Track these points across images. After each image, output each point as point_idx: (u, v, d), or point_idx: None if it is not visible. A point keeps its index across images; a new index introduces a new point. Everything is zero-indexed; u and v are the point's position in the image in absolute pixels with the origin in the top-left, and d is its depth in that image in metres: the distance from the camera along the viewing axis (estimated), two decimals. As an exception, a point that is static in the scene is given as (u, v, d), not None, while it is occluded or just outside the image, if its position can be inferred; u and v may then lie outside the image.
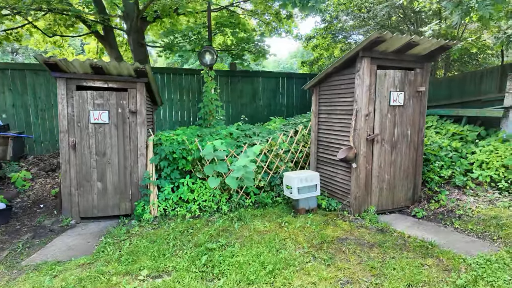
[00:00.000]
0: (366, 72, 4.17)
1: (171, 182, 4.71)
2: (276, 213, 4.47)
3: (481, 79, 6.23)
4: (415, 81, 4.51)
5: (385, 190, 4.53)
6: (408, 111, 4.53)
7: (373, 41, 3.88)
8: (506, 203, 4.08)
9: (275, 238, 3.67)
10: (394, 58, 4.33)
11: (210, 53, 6.75)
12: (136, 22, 8.56)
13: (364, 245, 3.50)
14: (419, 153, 4.69)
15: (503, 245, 3.31)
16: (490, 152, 4.78)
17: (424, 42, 4.13)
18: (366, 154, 4.34)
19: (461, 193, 4.61)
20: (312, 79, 5.13)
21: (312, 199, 4.49)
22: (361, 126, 4.26)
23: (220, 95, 9.29)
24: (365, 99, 4.22)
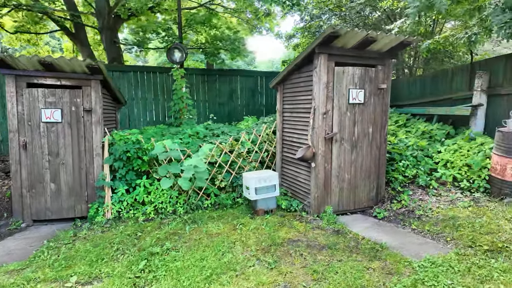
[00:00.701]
0: (323, 69, 4.04)
1: (126, 183, 4.54)
2: (235, 214, 4.33)
3: (452, 77, 6.15)
4: (377, 78, 4.40)
5: (345, 190, 4.41)
6: (369, 109, 4.42)
7: (327, 36, 3.75)
8: (466, 203, 3.98)
9: (224, 241, 3.53)
10: (354, 54, 4.21)
11: (179, 50, 6.59)
12: (108, 20, 8.38)
13: (314, 247, 3.37)
14: (381, 152, 4.58)
15: (454, 247, 3.21)
16: (455, 151, 4.68)
17: (382, 38, 4.01)
18: (324, 153, 4.21)
19: (424, 193, 4.51)
20: (275, 77, 5.00)
21: (271, 200, 4.35)
22: (319, 124, 4.14)
23: (197, 94, 9.14)
24: (323, 97, 4.10)
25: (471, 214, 3.76)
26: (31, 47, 10.71)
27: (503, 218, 3.52)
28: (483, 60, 5.56)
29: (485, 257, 2.91)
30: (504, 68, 5.16)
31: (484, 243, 3.13)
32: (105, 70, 4.64)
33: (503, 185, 3.93)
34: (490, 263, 2.79)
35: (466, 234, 3.36)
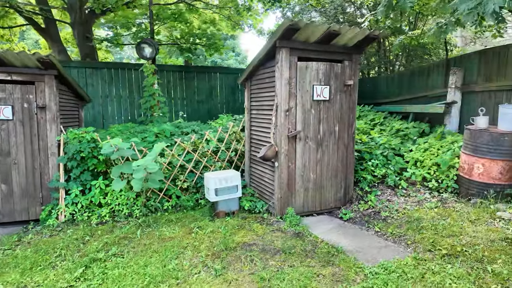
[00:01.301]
0: (285, 64, 3.85)
1: (81, 184, 4.30)
2: (195, 217, 4.12)
3: (428, 74, 6.01)
4: (343, 74, 4.22)
5: (311, 190, 4.24)
6: (335, 106, 4.24)
7: (286, 29, 3.56)
8: (433, 204, 3.83)
9: (176, 246, 3.33)
10: (318, 49, 4.02)
11: (149, 46, 6.35)
12: (80, 14, 8.09)
13: (269, 251, 3.18)
14: (349, 151, 4.41)
15: (414, 251, 3.05)
16: (425, 150, 4.53)
17: (347, 31, 3.83)
18: (288, 152, 4.03)
19: (393, 193, 4.35)
20: (242, 73, 4.80)
21: (233, 201, 4.16)
22: (281, 122, 3.95)
23: (174, 92, 8.91)
24: (285, 94, 3.91)
25: (437, 215, 3.60)
26: (5, 43, 10.35)
27: (467, 220, 3.37)
28: (458, 57, 5.43)
29: (442, 262, 2.75)
30: (478, 64, 5.03)
31: (444, 247, 2.97)
32: (59, 65, 4.38)
33: (470, 185, 3.79)
34: (446, 268, 2.63)
35: (427, 237, 3.20)
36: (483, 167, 3.65)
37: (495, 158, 3.57)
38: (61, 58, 8.41)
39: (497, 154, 3.56)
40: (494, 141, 3.55)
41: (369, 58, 9.32)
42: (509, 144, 3.50)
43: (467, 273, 2.52)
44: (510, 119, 3.56)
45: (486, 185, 3.65)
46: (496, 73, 4.75)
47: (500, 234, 3.01)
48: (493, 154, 3.57)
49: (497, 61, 4.71)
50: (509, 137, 3.50)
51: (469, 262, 2.69)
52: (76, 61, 8.09)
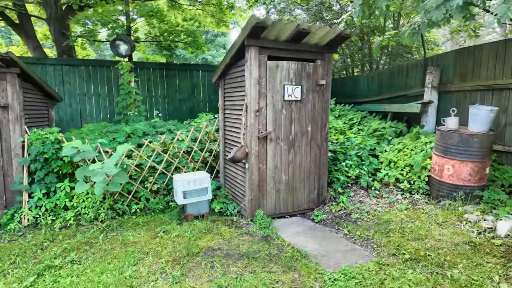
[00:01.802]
0: (254, 63, 3.75)
1: (46, 187, 4.15)
2: (163, 220, 4.01)
3: (407, 73, 5.97)
4: (315, 73, 4.14)
5: (283, 192, 4.16)
6: (308, 106, 4.16)
7: (253, 27, 3.45)
8: (403, 206, 3.79)
9: (137, 251, 3.22)
10: (289, 48, 3.92)
11: (124, 43, 6.18)
12: (56, 10, 7.85)
13: (232, 256, 3.10)
14: (322, 151, 4.34)
15: (378, 255, 2.99)
16: (399, 151, 4.49)
17: (317, 30, 3.74)
18: (258, 153, 3.94)
19: (366, 195, 4.30)
20: (215, 71, 4.69)
21: (203, 204, 4.05)
22: (251, 122, 3.85)
23: (155, 90, 8.73)
24: (255, 93, 3.81)
25: (406, 217, 3.56)
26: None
27: (434, 222, 3.33)
28: (435, 56, 5.39)
29: (404, 267, 2.69)
30: (454, 64, 4.99)
31: (408, 251, 2.92)
32: (22, 62, 4.21)
33: (441, 187, 3.75)
34: (406, 274, 2.57)
35: (394, 240, 3.15)
36: (453, 168, 3.61)
37: (464, 159, 3.53)
38: (36, 54, 8.17)
39: (466, 155, 3.52)
40: (464, 142, 3.51)
41: (353, 56, 9.28)
42: (478, 146, 3.47)
43: (426, 279, 2.47)
44: (480, 120, 3.52)
45: (456, 187, 3.62)
46: (471, 73, 4.72)
47: (465, 238, 2.97)
48: (462, 156, 3.53)
49: (472, 61, 4.68)
50: (479, 138, 3.46)
51: (430, 267, 2.64)
52: (52, 58, 7.86)
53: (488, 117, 3.47)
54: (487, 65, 4.47)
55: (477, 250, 2.76)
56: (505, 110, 4.27)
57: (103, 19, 6.18)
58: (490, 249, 2.75)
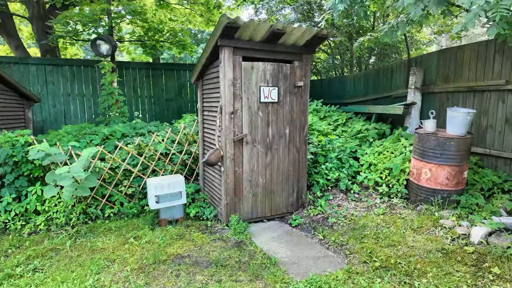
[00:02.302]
0: (228, 64, 3.65)
1: (16, 191, 4.04)
2: (136, 225, 3.91)
3: (392, 74, 5.90)
4: (293, 75, 4.05)
5: (260, 195, 4.07)
6: (285, 108, 4.07)
7: (224, 27, 3.36)
8: (380, 210, 3.71)
9: (104, 258, 3.12)
10: (265, 49, 3.83)
11: (105, 42, 6.06)
12: (39, 9, 7.71)
13: (201, 264, 3.00)
14: (301, 154, 4.25)
15: (350, 262, 2.91)
16: (379, 153, 4.41)
17: (292, 30, 3.65)
18: (234, 156, 3.84)
19: (345, 198, 4.22)
20: (193, 72, 4.58)
21: (177, 209, 3.95)
22: (226, 125, 3.76)
23: (141, 90, 8.62)
24: (229, 95, 3.71)
25: (382, 222, 3.48)
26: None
27: (409, 228, 3.25)
28: (419, 57, 5.32)
29: (373, 276, 2.61)
30: (437, 64, 4.92)
31: (379, 258, 2.84)
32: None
33: (419, 191, 3.68)
34: (374, 283, 2.49)
35: (367, 246, 3.07)
36: (430, 172, 3.53)
37: (441, 163, 3.45)
38: (19, 54, 8.03)
39: (443, 159, 3.44)
40: (441, 145, 3.43)
41: (342, 56, 9.20)
42: (455, 149, 3.39)
43: (394, 289, 2.39)
44: (457, 123, 3.45)
45: (434, 191, 3.54)
46: (453, 74, 4.65)
47: (438, 244, 2.89)
48: (439, 159, 3.46)
49: (454, 62, 4.61)
50: (455, 142, 3.39)
51: (399, 276, 2.56)
52: (35, 58, 7.72)
53: (465, 119, 3.40)
54: (469, 66, 4.40)
55: (449, 258, 2.68)
56: (486, 112, 4.21)
57: (83, 19, 6.05)
58: (461, 257, 2.67)
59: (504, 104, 3.97)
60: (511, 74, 3.88)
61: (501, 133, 4.02)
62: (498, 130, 4.05)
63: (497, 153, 4.02)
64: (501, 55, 3.97)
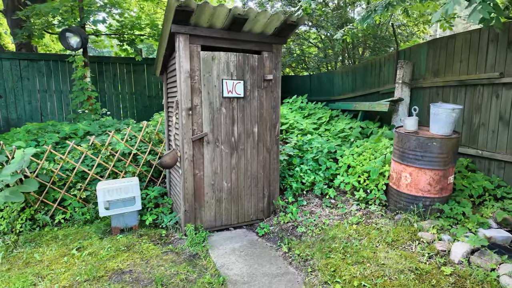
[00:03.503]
0: (184, 53, 3.25)
1: (-43, 195, 3.67)
2: (86, 233, 3.53)
3: (380, 68, 5.46)
4: (261, 67, 3.63)
5: (225, 201, 3.67)
6: (253, 104, 3.66)
7: (176, 11, 2.95)
8: (355, 219, 3.29)
9: (35, 274, 2.75)
10: (229, 37, 3.42)
11: (74, 35, 5.68)
12: (13, 1, 7.35)
13: (140, 282, 2.62)
14: (273, 155, 3.84)
15: (309, 282, 2.50)
16: (359, 154, 3.98)
17: (256, 16, 3.24)
18: (193, 158, 3.44)
19: (320, 204, 3.80)
20: (156, 64, 4.19)
21: (130, 216, 3.57)
22: (184, 123, 3.36)
23: (121, 86, 8.23)
24: (186, 89, 3.31)
25: (355, 233, 3.06)
26: None
27: (383, 241, 2.83)
28: (407, 48, 4.87)
29: (332, 302, 2.20)
30: (427, 57, 4.48)
31: (343, 278, 2.43)
32: None
33: (398, 197, 3.25)
34: (330, 312, 2.08)
35: (332, 263, 2.66)
36: (410, 176, 3.10)
37: (422, 166, 3.02)
38: (-8, 48, 7.69)
39: (425, 162, 3.01)
40: (422, 146, 3.00)
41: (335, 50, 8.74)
42: (438, 151, 2.96)
43: (351, 321, 1.98)
44: (440, 121, 3.01)
45: (415, 198, 3.12)
46: (443, 66, 4.20)
47: (413, 263, 2.47)
48: (421, 162, 3.03)
49: (445, 53, 4.17)
50: (438, 142, 2.95)
51: (361, 303, 2.15)
52: (9, 52, 7.38)
53: (450, 117, 2.96)
54: (460, 58, 3.95)
55: (422, 281, 2.26)
56: (478, 109, 3.77)
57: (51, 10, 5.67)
58: (437, 280, 2.25)
59: (498, 100, 3.52)
60: (506, 65, 3.44)
61: (494, 132, 3.58)
62: (492, 129, 3.61)
63: (490, 155, 3.59)
64: (495, 44, 3.52)
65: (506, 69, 3.42)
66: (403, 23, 7.54)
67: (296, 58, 9.02)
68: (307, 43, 9.50)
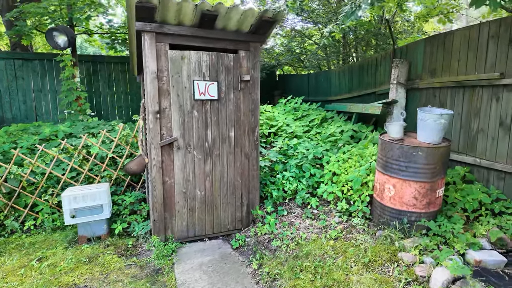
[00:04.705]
0: (150, 53, 3.03)
1: None
2: (53, 242, 3.37)
3: (376, 67, 5.11)
4: (238, 67, 3.39)
5: (198, 210, 3.45)
6: (229, 107, 3.42)
7: (137, 8, 2.74)
8: (334, 233, 3.01)
9: (-15, 287, 2.60)
10: (201, 35, 3.18)
11: (61, 34, 5.56)
12: (8, 1, 7.32)
13: (92, 301, 2.43)
14: (252, 161, 3.59)
15: (272, 308, 2.25)
16: (345, 161, 3.69)
17: (227, 11, 2.99)
18: (162, 164, 3.23)
19: (300, 215, 3.54)
20: (132, 64, 4.01)
21: (98, 224, 3.39)
22: (151, 127, 3.15)
23: (116, 86, 8.13)
24: (153, 91, 3.10)
25: (331, 250, 2.79)
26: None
27: (360, 262, 2.55)
28: (404, 46, 4.51)
29: (288, 335, 1.95)
30: (424, 55, 4.13)
31: (307, 306, 2.17)
32: None
33: (382, 211, 2.95)
34: None
35: (300, 284, 2.40)
36: (394, 188, 2.80)
37: (407, 178, 2.72)
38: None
39: (410, 173, 2.70)
40: (406, 155, 2.69)
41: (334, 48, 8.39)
42: (424, 161, 2.65)
43: None
44: (427, 127, 2.69)
45: (399, 213, 2.81)
46: (441, 66, 3.85)
47: (387, 290, 2.19)
48: (405, 173, 2.72)
49: (442, 50, 3.81)
50: (424, 152, 2.64)
51: (319, 338, 1.89)
52: (3, 52, 7.37)
53: (438, 123, 2.64)
54: (458, 56, 3.60)
55: (393, 314, 1.98)
56: (477, 113, 3.41)
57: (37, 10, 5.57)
58: (410, 313, 1.97)
59: (498, 103, 3.16)
60: (507, 65, 3.08)
61: (494, 139, 3.23)
62: (491, 135, 3.26)
63: (489, 164, 3.23)
64: (496, 41, 3.16)
65: (507, 69, 3.06)
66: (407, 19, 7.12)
67: (295, 56, 8.71)
68: (308, 41, 9.17)
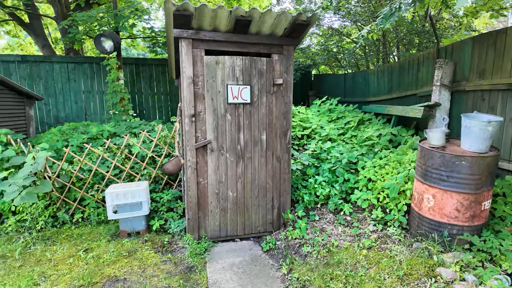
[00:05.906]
0: (187, 58, 3.15)
1: (-7, 190, 4.05)
2: (98, 234, 3.65)
3: (418, 67, 4.84)
4: (270, 71, 3.40)
5: (230, 211, 3.53)
6: (261, 111, 3.44)
7: (175, 16, 2.86)
8: (368, 242, 2.92)
9: (41, 273, 2.89)
10: (236, 40, 3.24)
11: (108, 39, 5.96)
12: (62, 8, 7.99)
13: (130, 293, 2.60)
14: (284, 165, 3.60)
15: (300, 314, 2.25)
16: (381, 167, 3.55)
17: (261, 16, 3.01)
18: (196, 166, 3.35)
19: (333, 221, 3.47)
20: (170, 68, 4.18)
21: (138, 220, 3.61)
22: (187, 130, 3.28)
23: (157, 87, 8.53)
24: (189, 95, 3.22)
25: (364, 260, 2.71)
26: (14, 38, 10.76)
27: (394, 274, 2.45)
28: (450, 45, 4.22)
29: None
30: (471, 55, 3.84)
31: (336, 316, 2.14)
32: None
33: (420, 222, 2.80)
34: None
35: (330, 294, 2.37)
36: (433, 199, 2.65)
37: (448, 188, 2.55)
38: (45, 53, 8.44)
39: (451, 183, 2.54)
40: (447, 165, 2.53)
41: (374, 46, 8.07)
42: (467, 171, 2.47)
43: None
44: (473, 135, 2.50)
45: (438, 225, 2.65)
46: (490, 66, 3.55)
47: (422, 306, 2.08)
48: (446, 184, 2.56)
49: (493, 50, 3.51)
50: (468, 161, 2.46)
51: None
52: (58, 56, 8.04)
53: (484, 131, 2.44)
54: (512, 56, 3.30)
55: (427, 333, 1.88)
56: (533, 119, 3.11)
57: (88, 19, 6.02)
58: (447, 334, 1.86)
59: (559, 108, 2.85)
60: None
61: (553, 148, 2.92)
62: (550, 144, 2.95)
63: (546, 175, 2.94)
64: (557, 40, 2.85)
65: None
66: (454, 15, 6.62)
67: (331, 55, 8.51)
68: (346, 39, 8.91)
